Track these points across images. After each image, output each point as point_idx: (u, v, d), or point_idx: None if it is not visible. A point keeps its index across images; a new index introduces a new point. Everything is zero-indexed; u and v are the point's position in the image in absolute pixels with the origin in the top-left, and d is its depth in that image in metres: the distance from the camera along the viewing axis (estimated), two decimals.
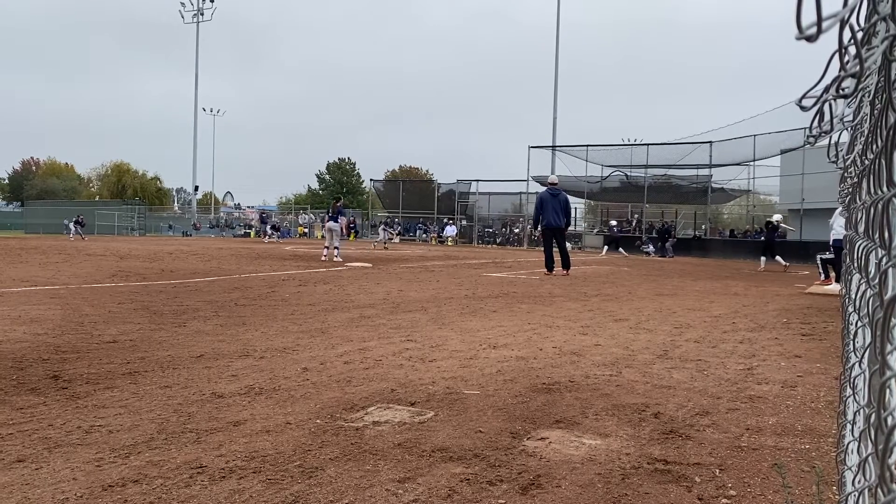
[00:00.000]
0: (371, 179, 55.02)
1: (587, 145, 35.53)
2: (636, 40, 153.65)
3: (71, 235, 36.69)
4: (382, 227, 35.10)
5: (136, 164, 76.76)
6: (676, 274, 16.76)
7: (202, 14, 56.20)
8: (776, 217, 21.75)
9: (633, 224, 36.59)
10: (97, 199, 67.35)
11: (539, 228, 15.17)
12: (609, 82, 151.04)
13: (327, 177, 76.39)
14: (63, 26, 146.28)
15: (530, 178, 36.84)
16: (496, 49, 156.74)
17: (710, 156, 31.34)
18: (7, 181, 79.75)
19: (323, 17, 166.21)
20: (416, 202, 45.39)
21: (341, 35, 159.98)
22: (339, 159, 77.18)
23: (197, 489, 2.45)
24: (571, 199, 17.43)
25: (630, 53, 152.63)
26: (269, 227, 40.93)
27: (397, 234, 41.22)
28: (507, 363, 4.87)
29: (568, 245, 16.03)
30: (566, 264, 14.66)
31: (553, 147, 37.68)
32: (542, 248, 15.35)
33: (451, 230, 40.63)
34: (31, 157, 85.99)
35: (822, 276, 13.71)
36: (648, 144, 34.71)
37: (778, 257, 20.09)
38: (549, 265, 14.65)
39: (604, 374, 4.58)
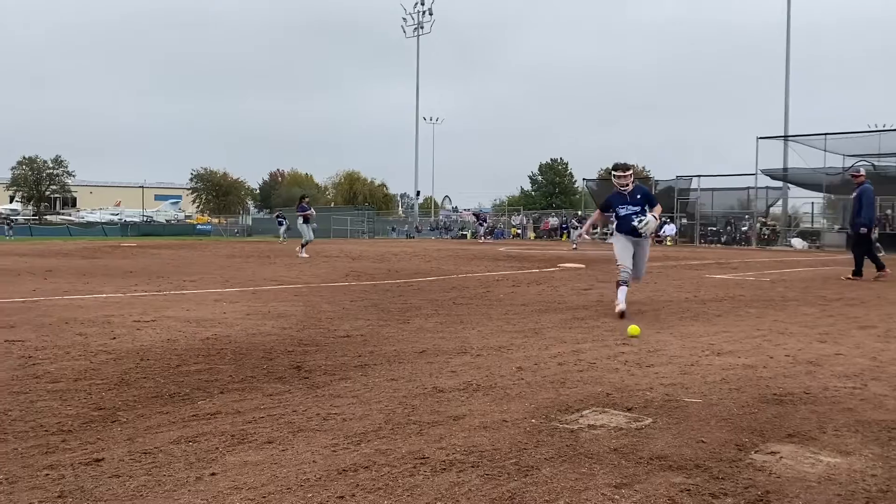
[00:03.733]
0: (584, 178, 54.34)
1: (825, 134, 32.21)
2: (875, 15, 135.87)
3: (281, 237, 34.30)
4: (576, 223, 33.91)
5: (365, 172, 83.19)
6: None
7: (422, 28, 59.47)
8: None
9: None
10: (332, 205, 73.59)
11: (864, 229, 13.10)
12: (848, 64, 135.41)
13: (539, 178, 76.78)
14: (300, 52, 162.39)
15: (759, 172, 34.18)
16: (716, 36, 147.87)
17: None
18: (258, 191, 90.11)
19: (533, 18, 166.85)
20: None
21: (551, 34, 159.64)
22: (550, 160, 77.31)
23: (420, 479, 2.60)
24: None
25: (870, 28, 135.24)
26: (478, 223, 42.54)
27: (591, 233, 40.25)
28: (733, 371, 4.58)
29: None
30: (881, 265, 12.96)
31: (785, 137, 34.63)
32: (855, 250, 13.37)
33: (669, 229, 38.87)
34: (278, 169, 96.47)
35: None
36: None
37: None
38: (861, 270, 12.92)
39: (845, 386, 4.15)
